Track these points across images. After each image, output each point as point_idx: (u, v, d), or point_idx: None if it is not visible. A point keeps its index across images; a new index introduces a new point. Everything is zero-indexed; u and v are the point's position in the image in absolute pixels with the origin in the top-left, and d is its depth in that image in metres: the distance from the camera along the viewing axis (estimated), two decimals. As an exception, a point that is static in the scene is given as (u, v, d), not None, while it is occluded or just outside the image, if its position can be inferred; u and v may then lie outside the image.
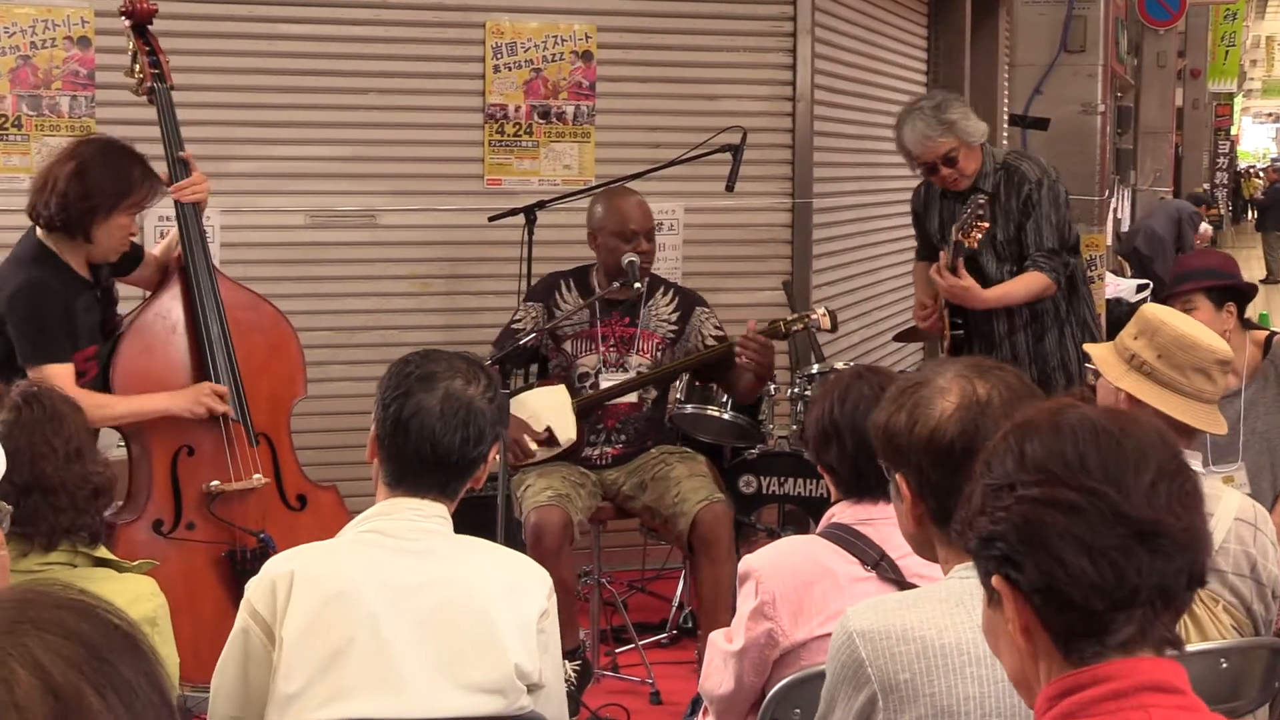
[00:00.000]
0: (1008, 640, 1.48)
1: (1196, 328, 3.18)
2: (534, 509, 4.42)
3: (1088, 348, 3.33)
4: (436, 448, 2.48)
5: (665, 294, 4.88)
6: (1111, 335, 3.67)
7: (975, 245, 4.55)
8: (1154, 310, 3.23)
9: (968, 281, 4.58)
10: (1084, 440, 1.46)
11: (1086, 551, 1.40)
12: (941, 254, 4.63)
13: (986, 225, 4.52)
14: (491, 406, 2.52)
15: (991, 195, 4.67)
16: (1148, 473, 1.44)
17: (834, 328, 4.73)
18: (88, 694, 0.92)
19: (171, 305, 4.13)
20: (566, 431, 4.68)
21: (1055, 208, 4.70)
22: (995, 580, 1.46)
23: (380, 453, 2.53)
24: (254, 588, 2.44)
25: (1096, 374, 3.32)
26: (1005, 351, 4.77)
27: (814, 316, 4.68)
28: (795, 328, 4.67)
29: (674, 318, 4.87)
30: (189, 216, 4.15)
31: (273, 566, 2.47)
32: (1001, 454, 1.49)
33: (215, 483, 4.03)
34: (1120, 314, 7.26)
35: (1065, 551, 1.41)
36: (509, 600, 2.48)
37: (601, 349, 4.80)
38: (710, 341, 4.84)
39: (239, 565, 3.99)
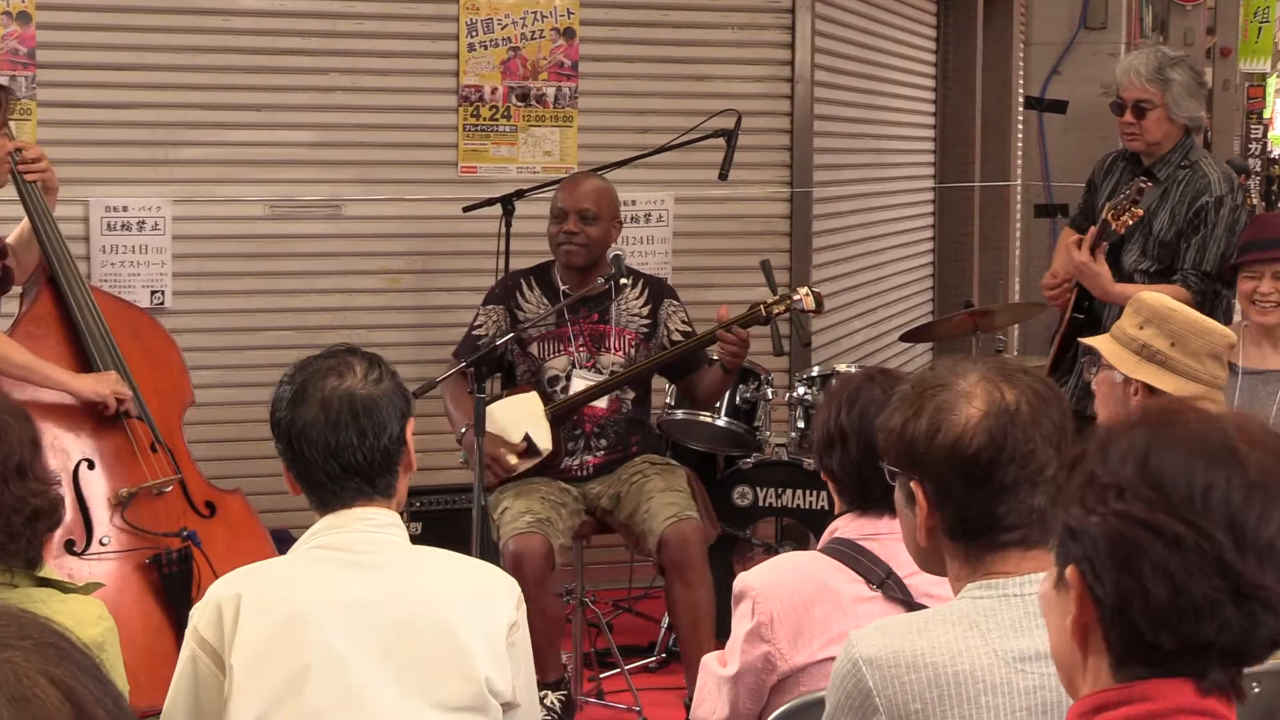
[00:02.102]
0: (1060, 623, 1.48)
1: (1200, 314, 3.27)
2: (512, 536, 4.40)
3: (1087, 340, 3.37)
4: (339, 457, 2.48)
5: (635, 285, 4.86)
6: None
7: (1123, 231, 4.56)
8: (1154, 298, 3.32)
9: (1101, 267, 4.59)
10: (1218, 469, 1.40)
11: (1174, 591, 1.38)
12: (1091, 230, 4.64)
13: (1140, 214, 4.53)
14: (381, 388, 2.51)
15: (1164, 185, 4.71)
16: (1271, 526, 1.39)
17: (819, 308, 4.65)
18: (95, 708, 1.00)
19: (45, 318, 4.20)
20: (543, 440, 4.67)
21: (1229, 233, 4.67)
22: (1069, 572, 1.45)
23: (297, 481, 2.55)
24: (199, 614, 2.45)
25: (1094, 366, 3.37)
26: None
27: (796, 297, 4.58)
28: (776, 311, 4.57)
29: (645, 310, 4.86)
30: (40, 217, 4.19)
31: (218, 589, 2.47)
32: (1124, 449, 1.44)
33: (124, 490, 4.10)
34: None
35: (1151, 583, 1.38)
36: (474, 612, 2.49)
37: (571, 349, 4.79)
38: (677, 337, 4.83)
39: (165, 569, 4.05)
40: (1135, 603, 1.39)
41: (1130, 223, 4.53)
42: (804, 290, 4.62)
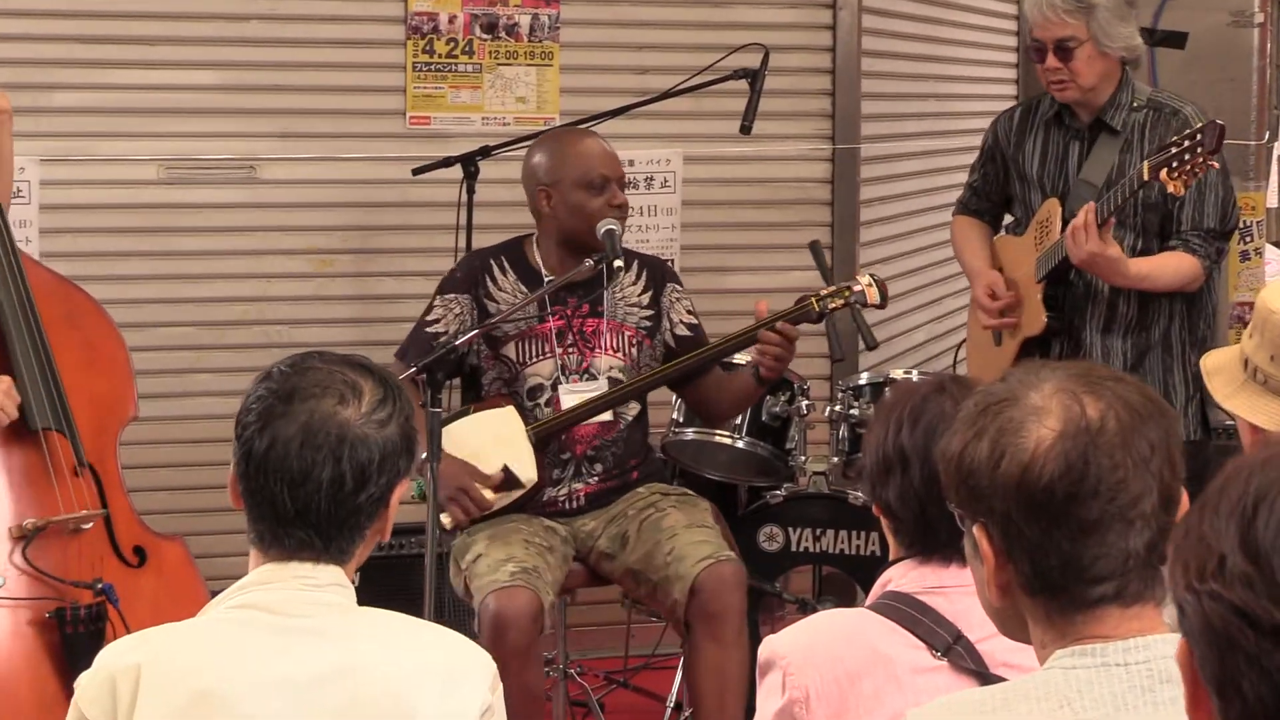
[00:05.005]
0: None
1: None
2: (492, 592, 4.38)
3: (1206, 356, 3.32)
4: (296, 496, 2.47)
5: (630, 268, 4.87)
6: None
7: (1180, 193, 4.51)
8: (1270, 295, 3.24)
9: (1116, 251, 4.60)
10: None
11: (1275, 693, 1.36)
12: (1088, 208, 4.60)
13: (1216, 165, 4.47)
14: (384, 432, 2.51)
15: (1124, 135, 4.78)
16: None
17: (883, 303, 4.70)
18: None
19: None
20: (526, 470, 4.65)
21: (1223, 177, 4.74)
22: (1179, 647, 1.45)
23: (243, 500, 2.54)
24: (86, 688, 2.44)
25: None
26: (1095, 360, 4.78)
27: (857, 289, 4.62)
28: (833, 305, 4.61)
29: (645, 299, 4.88)
30: None
31: (112, 658, 2.46)
32: (1232, 503, 1.42)
33: (31, 520, 4.09)
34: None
35: (1248, 681, 1.37)
36: (439, 694, 2.49)
37: (559, 351, 4.79)
38: (681, 331, 4.86)
39: (68, 627, 4.05)
40: (1234, 703, 1.39)
41: (1201, 176, 4.47)
42: (866, 279, 4.66)
